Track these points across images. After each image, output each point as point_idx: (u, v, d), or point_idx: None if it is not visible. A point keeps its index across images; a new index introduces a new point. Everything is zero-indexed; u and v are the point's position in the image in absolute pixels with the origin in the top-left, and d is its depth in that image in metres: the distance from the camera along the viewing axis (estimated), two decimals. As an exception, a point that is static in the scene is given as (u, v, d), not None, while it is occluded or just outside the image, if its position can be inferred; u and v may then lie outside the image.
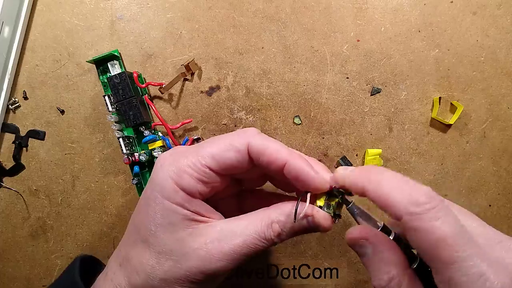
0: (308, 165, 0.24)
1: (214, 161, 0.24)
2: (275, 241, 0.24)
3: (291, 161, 0.23)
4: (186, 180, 0.23)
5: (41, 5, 0.38)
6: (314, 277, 0.38)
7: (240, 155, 0.24)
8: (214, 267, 0.23)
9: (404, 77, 0.38)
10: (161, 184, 0.24)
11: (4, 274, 0.38)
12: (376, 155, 0.37)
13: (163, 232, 0.24)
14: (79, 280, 0.26)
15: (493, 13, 0.38)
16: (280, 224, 0.24)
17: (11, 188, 0.38)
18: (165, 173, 0.24)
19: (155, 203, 0.24)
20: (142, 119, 0.35)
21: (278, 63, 0.38)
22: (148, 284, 0.23)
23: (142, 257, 0.24)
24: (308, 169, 0.23)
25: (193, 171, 0.24)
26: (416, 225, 0.19)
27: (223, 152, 0.24)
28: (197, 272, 0.23)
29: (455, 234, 0.19)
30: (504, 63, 0.38)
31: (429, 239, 0.19)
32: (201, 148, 0.24)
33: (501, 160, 0.38)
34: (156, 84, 0.37)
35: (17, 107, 0.38)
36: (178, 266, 0.23)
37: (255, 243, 0.23)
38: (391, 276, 0.22)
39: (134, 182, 0.37)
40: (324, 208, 0.24)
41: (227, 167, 0.24)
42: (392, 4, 0.38)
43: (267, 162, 0.24)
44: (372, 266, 0.23)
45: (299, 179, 0.24)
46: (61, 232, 0.38)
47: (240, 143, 0.24)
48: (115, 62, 0.36)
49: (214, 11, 0.38)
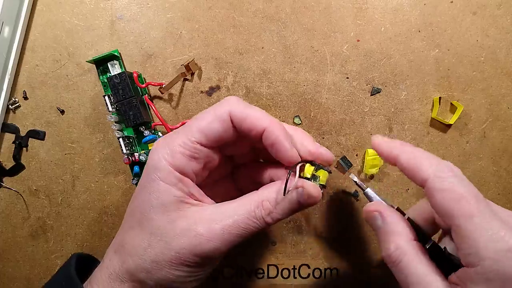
0: (285, 136, 0.24)
1: (203, 135, 0.24)
2: (266, 220, 0.24)
3: (270, 127, 0.24)
4: (179, 159, 0.24)
5: (41, 5, 0.38)
6: (314, 277, 0.38)
7: (225, 124, 0.24)
8: (205, 248, 0.23)
9: (404, 77, 0.38)
10: (155, 166, 0.24)
11: (4, 274, 0.38)
12: (376, 155, 0.37)
13: (156, 213, 0.24)
14: (74, 275, 0.26)
15: (493, 13, 0.38)
16: (270, 201, 0.24)
17: (11, 188, 0.38)
18: (159, 155, 0.24)
19: (150, 185, 0.24)
20: (142, 119, 0.35)
21: (278, 63, 0.38)
22: (140, 267, 0.24)
23: (135, 240, 0.24)
24: (283, 140, 0.24)
25: (185, 149, 0.24)
26: (442, 185, 0.22)
27: (209, 124, 0.24)
28: (188, 253, 0.23)
29: (475, 194, 0.22)
30: (504, 63, 0.38)
31: (453, 196, 0.22)
32: (189, 126, 0.25)
33: (501, 160, 0.38)
34: (156, 84, 0.37)
35: (17, 107, 0.38)
36: (169, 247, 0.23)
37: (246, 223, 0.24)
38: (396, 245, 0.24)
39: (134, 182, 0.37)
40: (311, 179, 0.25)
41: (215, 138, 0.25)
42: (392, 4, 0.38)
43: (248, 129, 0.24)
44: (382, 236, 0.25)
45: (273, 147, 0.24)
46: (61, 232, 0.38)
47: (223, 112, 0.24)
48: (115, 62, 0.36)
49: (214, 11, 0.38)
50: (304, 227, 0.38)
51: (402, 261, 0.23)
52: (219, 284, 0.38)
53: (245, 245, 0.39)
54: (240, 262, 0.39)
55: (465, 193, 0.22)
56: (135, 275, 0.24)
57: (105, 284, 0.24)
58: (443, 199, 0.22)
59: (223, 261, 0.38)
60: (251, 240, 0.38)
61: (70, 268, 0.26)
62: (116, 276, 0.24)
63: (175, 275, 0.23)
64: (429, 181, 0.23)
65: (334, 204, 0.38)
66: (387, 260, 0.24)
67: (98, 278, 0.25)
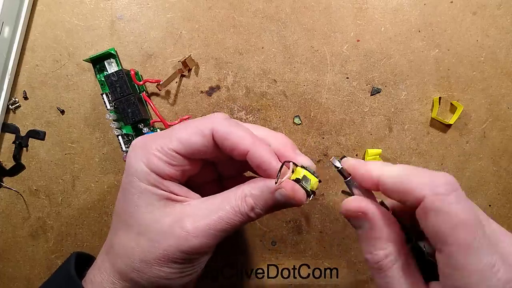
0: (270, 157, 0.24)
1: (181, 145, 0.24)
2: (250, 215, 0.24)
3: (253, 149, 0.23)
4: (155, 163, 0.24)
5: (41, 5, 0.38)
6: (314, 277, 0.38)
7: (205, 139, 0.24)
8: (191, 244, 0.23)
9: (404, 77, 0.38)
10: (134, 167, 0.24)
11: (4, 274, 0.38)
12: (376, 155, 0.37)
13: (141, 213, 0.24)
14: (74, 274, 0.26)
15: (493, 13, 0.38)
16: (253, 197, 0.24)
17: (11, 188, 0.38)
18: (136, 156, 0.24)
19: (131, 186, 0.24)
20: (141, 116, 0.35)
21: (278, 63, 0.38)
22: (130, 267, 0.24)
23: (123, 241, 0.25)
24: (269, 161, 0.24)
25: (161, 155, 0.24)
26: (438, 206, 0.19)
27: (189, 136, 0.24)
28: (175, 250, 0.23)
29: (474, 220, 0.19)
30: (504, 63, 0.38)
31: (450, 221, 0.19)
32: (170, 132, 0.25)
33: (501, 160, 0.38)
34: (154, 81, 0.37)
35: (17, 107, 0.38)
36: (156, 245, 0.23)
37: (230, 217, 0.24)
38: (387, 253, 0.21)
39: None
40: (302, 182, 0.24)
41: (193, 151, 0.24)
42: (392, 4, 0.38)
43: (230, 148, 0.24)
44: (368, 240, 0.22)
45: (260, 168, 0.24)
46: (61, 232, 0.38)
47: (206, 127, 0.24)
48: (111, 60, 0.36)
49: (214, 11, 0.38)
50: (304, 227, 0.38)
51: (390, 269, 0.21)
52: (219, 284, 0.38)
53: (245, 245, 0.39)
54: (240, 262, 0.38)
55: (465, 218, 0.19)
56: (126, 275, 0.24)
57: (98, 286, 0.25)
58: (440, 223, 0.19)
59: (223, 261, 0.38)
60: (251, 240, 0.38)
61: (69, 268, 0.26)
62: (108, 278, 0.24)
63: (165, 272, 0.23)
64: (425, 200, 0.19)
65: (334, 204, 0.38)
66: (373, 265, 0.22)
67: (91, 279, 0.25)
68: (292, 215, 0.38)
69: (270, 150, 0.24)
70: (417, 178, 0.20)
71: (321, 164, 0.38)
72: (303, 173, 0.24)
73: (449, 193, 0.19)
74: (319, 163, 0.38)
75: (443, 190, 0.19)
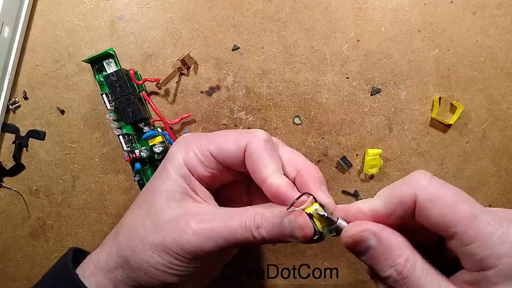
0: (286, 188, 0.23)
1: (217, 149, 0.25)
2: (253, 234, 0.23)
3: (268, 181, 0.24)
4: (191, 159, 0.25)
5: (41, 5, 0.38)
6: (314, 277, 0.38)
7: (239, 151, 0.25)
8: (189, 240, 0.23)
9: (404, 77, 0.38)
10: (172, 156, 0.26)
11: (4, 274, 0.38)
12: (376, 155, 0.37)
13: (159, 198, 0.25)
14: (71, 266, 0.26)
15: (493, 13, 0.38)
16: (262, 217, 0.24)
17: (11, 188, 0.38)
18: (178, 148, 0.26)
19: (162, 171, 0.26)
20: (141, 115, 0.35)
21: (278, 63, 0.38)
22: (127, 243, 0.24)
23: (132, 218, 0.25)
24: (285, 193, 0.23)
25: (198, 152, 0.26)
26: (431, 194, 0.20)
27: (226, 143, 0.25)
28: (171, 241, 0.23)
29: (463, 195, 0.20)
30: (504, 63, 0.38)
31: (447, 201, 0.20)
32: (212, 136, 0.26)
33: (501, 160, 0.38)
34: (153, 80, 0.37)
35: (17, 107, 0.38)
36: (157, 230, 0.24)
37: (234, 228, 0.23)
38: (406, 258, 0.21)
39: (136, 179, 0.37)
40: (313, 219, 0.23)
41: (224, 157, 0.25)
42: (392, 4, 0.38)
43: (251, 171, 0.24)
44: (381, 255, 0.21)
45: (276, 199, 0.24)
46: (61, 232, 0.38)
47: (243, 140, 0.25)
48: (110, 60, 0.36)
49: (214, 11, 0.38)
50: (304, 227, 0.38)
51: (415, 272, 0.20)
52: (219, 284, 0.38)
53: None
54: (240, 262, 0.38)
55: (458, 194, 0.20)
56: (121, 250, 0.25)
57: (93, 257, 0.26)
58: (439, 207, 0.20)
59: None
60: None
61: (66, 259, 0.27)
62: (106, 250, 0.25)
63: (155, 260, 0.23)
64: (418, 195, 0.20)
65: (334, 204, 0.38)
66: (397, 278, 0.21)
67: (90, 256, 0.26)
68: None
69: (287, 183, 0.24)
70: (401, 186, 0.21)
71: (321, 164, 0.38)
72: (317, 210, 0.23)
73: (430, 181, 0.21)
74: (319, 163, 0.38)
75: (425, 181, 0.21)
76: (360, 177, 0.38)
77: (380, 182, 0.38)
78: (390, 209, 0.22)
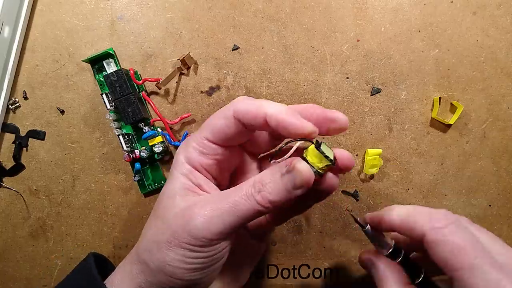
0: (287, 112, 0.23)
1: (210, 132, 0.26)
2: (258, 200, 0.23)
3: (269, 111, 0.23)
4: (190, 154, 0.26)
5: (41, 5, 0.38)
6: (314, 277, 0.38)
7: (229, 121, 0.25)
8: (195, 224, 0.23)
9: (404, 77, 0.38)
10: (175, 159, 0.27)
11: (4, 274, 0.38)
12: (376, 155, 0.37)
13: (165, 198, 0.26)
14: (96, 273, 0.26)
15: (493, 13, 0.38)
16: (262, 180, 0.24)
17: (11, 188, 0.38)
18: (179, 150, 0.27)
19: (169, 175, 0.27)
20: (141, 115, 0.35)
21: (278, 63, 0.38)
22: (145, 247, 0.25)
23: (148, 223, 0.26)
24: (285, 116, 0.23)
25: (196, 144, 0.26)
26: (438, 238, 0.22)
27: (215, 121, 0.26)
28: (181, 232, 0.23)
29: (473, 244, 0.22)
30: (504, 63, 0.38)
31: (450, 248, 0.22)
32: (204, 124, 0.27)
33: (501, 160, 0.38)
34: (153, 80, 0.37)
35: (17, 107, 0.38)
36: (167, 227, 0.24)
37: (237, 201, 0.23)
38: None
39: (135, 179, 0.37)
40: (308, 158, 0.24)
41: (220, 135, 0.25)
42: (392, 4, 0.38)
43: (251, 120, 0.24)
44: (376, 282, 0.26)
45: (279, 127, 0.23)
46: (61, 232, 0.38)
47: (228, 110, 0.25)
48: (110, 60, 0.37)
49: (214, 11, 0.38)
50: (304, 227, 0.38)
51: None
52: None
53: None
54: (240, 262, 0.39)
55: (463, 243, 0.22)
56: (140, 255, 0.25)
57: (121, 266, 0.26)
58: (442, 251, 0.22)
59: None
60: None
61: (91, 267, 0.27)
62: (129, 260, 0.26)
63: (170, 257, 0.24)
64: (426, 235, 0.23)
65: (334, 204, 0.38)
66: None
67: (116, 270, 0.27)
68: (292, 215, 0.39)
69: (287, 108, 0.24)
70: (418, 217, 0.24)
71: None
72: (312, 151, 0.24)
73: (446, 225, 0.23)
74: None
75: (439, 224, 0.23)
76: (360, 177, 0.38)
77: (380, 182, 0.38)
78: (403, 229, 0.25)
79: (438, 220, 0.23)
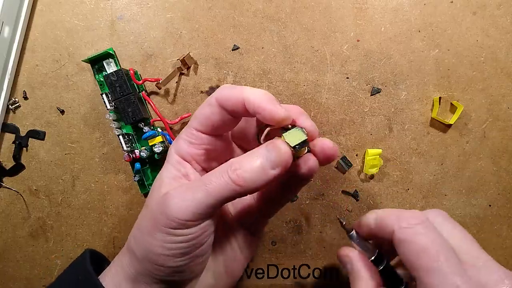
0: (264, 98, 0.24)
1: (198, 122, 0.26)
2: (232, 178, 0.23)
3: (247, 96, 0.24)
4: (180, 146, 0.27)
5: (41, 5, 0.38)
6: (314, 277, 0.38)
7: (213, 108, 0.25)
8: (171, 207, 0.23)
9: (404, 77, 0.38)
10: (168, 152, 0.28)
11: (4, 274, 0.38)
12: (376, 155, 0.37)
13: (154, 188, 0.26)
14: (90, 268, 0.26)
15: (493, 13, 0.38)
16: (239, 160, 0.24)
17: (11, 188, 0.38)
18: (172, 144, 0.28)
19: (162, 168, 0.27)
20: (141, 115, 0.35)
21: (278, 63, 0.38)
22: (132, 235, 0.26)
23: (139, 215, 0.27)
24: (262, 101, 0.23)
25: (185, 136, 0.27)
26: (403, 237, 0.23)
27: (201, 111, 0.26)
28: (159, 217, 0.23)
29: (436, 246, 0.22)
30: (504, 63, 0.38)
31: (414, 248, 0.22)
32: (192, 116, 0.27)
33: (501, 160, 0.38)
34: (153, 80, 0.37)
35: (17, 107, 0.38)
36: (150, 212, 0.25)
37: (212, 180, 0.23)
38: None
39: (135, 179, 0.37)
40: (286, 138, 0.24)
41: (207, 122, 0.26)
42: (392, 4, 0.38)
43: (233, 105, 0.24)
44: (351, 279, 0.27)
45: (256, 112, 0.23)
46: (61, 232, 0.38)
47: (212, 97, 0.26)
48: (110, 60, 0.37)
49: (214, 11, 0.38)
50: (304, 227, 0.38)
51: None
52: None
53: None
54: (240, 262, 0.38)
55: (426, 244, 0.22)
56: (128, 244, 0.26)
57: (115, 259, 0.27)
58: (407, 251, 0.23)
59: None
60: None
61: (85, 262, 0.27)
62: (123, 250, 0.27)
63: (151, 243, 0.24)
64: (394, 234, 0.24)
65: (334, 204, 0.38)
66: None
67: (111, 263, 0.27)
68: (292, 215, 0.38)
69: (265, 93, 0.24)
70: (388, 218, 0.25)
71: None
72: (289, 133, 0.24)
73: (412, 226, 0.23)
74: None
75: (406, 224, 0.23)
76: (360, 177, 0.38)
77: (380, 182, 0.38)
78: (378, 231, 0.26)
79: (406, 220, 0.24)
